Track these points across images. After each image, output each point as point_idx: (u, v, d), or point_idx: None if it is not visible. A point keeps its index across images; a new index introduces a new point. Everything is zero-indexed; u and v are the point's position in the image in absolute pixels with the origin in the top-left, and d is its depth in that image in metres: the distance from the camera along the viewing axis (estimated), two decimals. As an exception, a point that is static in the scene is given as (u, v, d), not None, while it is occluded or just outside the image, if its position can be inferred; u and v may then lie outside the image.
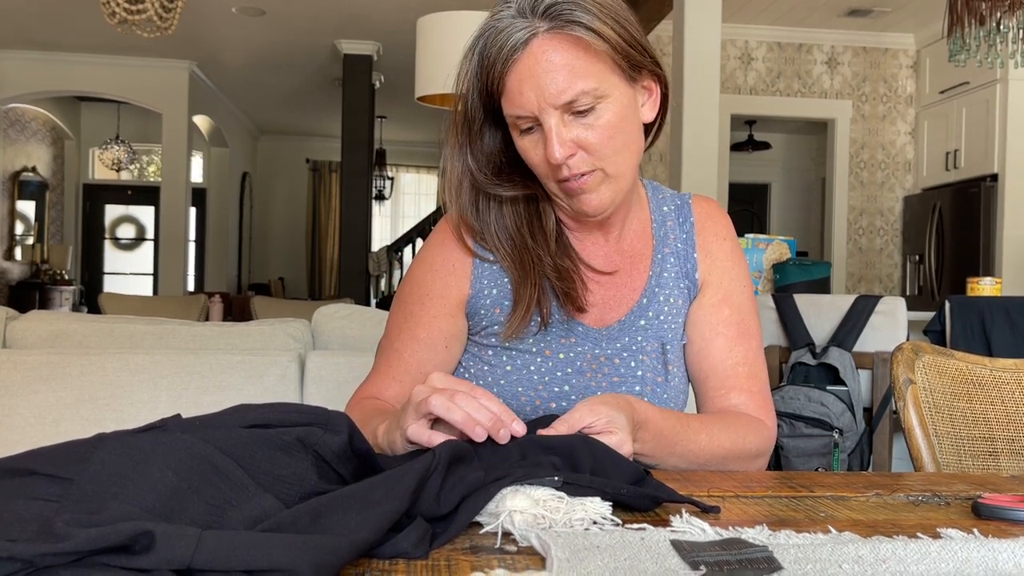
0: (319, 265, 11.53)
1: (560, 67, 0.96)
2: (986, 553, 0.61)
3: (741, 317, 1.15)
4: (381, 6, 6.25)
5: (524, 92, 0.97)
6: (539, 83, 0.96)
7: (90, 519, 0.51)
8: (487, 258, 1.11)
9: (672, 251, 1.16)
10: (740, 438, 1.05)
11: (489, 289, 1.11)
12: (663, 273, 1.15)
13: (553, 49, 0.96)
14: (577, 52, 0.97)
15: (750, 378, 1.13)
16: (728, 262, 1.17)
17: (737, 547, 0.60)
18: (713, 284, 1.16)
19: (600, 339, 1.10)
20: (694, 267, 1.16)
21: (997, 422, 1.28)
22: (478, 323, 1.12)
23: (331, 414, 0.68)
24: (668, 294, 1.14)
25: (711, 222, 1.18)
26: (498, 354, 1.09)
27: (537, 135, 1.00)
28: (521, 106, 0.98)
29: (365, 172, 7.30)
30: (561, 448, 0.78)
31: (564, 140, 0.98)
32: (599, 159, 1.00)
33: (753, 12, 6.21)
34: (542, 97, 0.96)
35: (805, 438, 3.08)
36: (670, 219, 1.18)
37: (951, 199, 6.08)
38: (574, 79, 0.96)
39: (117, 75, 7.97)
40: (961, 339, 3.11)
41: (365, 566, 0.57)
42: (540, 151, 1.00)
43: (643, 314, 1.12)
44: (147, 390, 1.84)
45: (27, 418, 1.79)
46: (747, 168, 8.51)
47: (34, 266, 9.37)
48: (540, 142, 1.00)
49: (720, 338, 1.14)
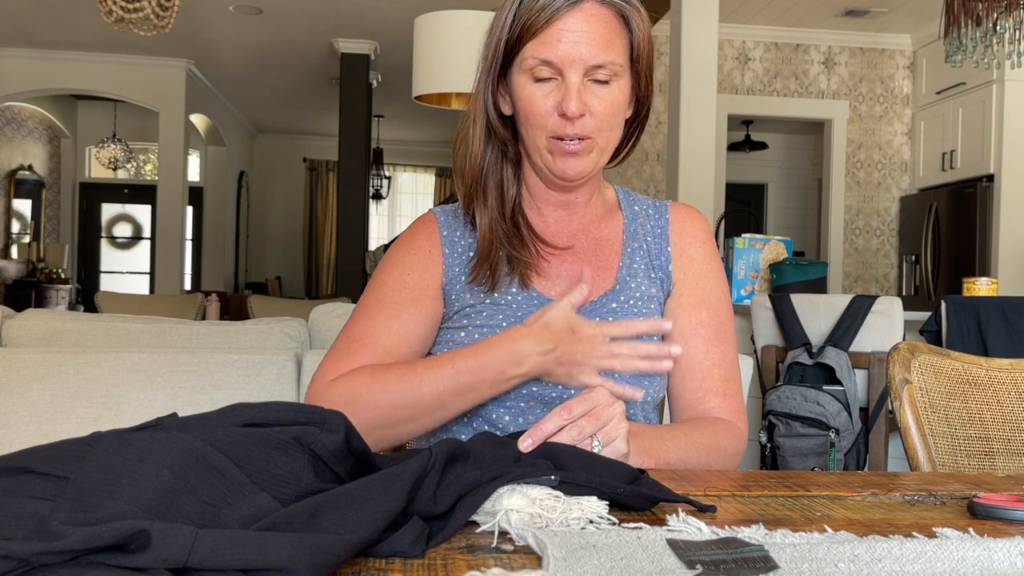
0: (316, 264, 11.53)
1: (600, 34, 1.05)
2: (982, 552, 0.61)
3: (719, 320, 1.18)
4: (378, 5, 6.25)
5: (562, 41, 1.04)
6: (577, 39, 1.04)
7: (86, 517, 0.50)
8: (457, 243, 1.16)
9: (641, 245, 1.20)
10: (714, 435, 1.09)
11: (459, 277, 1.15)
12: (633, 264, 1.18)
13: (597, 17, 1.06)
14: (615, 28, 1.07)
15: (725, 381, 1.15)
16: (707, 265, 1.20)
17: (733, 546, 0.60)
18: (690, 285, 1.18)
19: None
20: (667, 260, 1.19)
21: (993, 422, 1.28)
22: (451, 308, 1.15)
23: (328, 413, 0.68)
24: (639, 283, 1.17)
25: (689, 223, 1.23)
26: (470, 334, 1.11)
27: (551, 86, 1.06)
28: (554, 53, 1.04)
29: (362, 171, 7.30)
30: (557, 450, 0.78)
31: (581, 99, 1.05)
32: (598, 130, 1.08)
33: (750, 12, 6.21)
34: (576, 52, 1.04)
35: (801, 438, 3.09)
36: (641, 216, 1.22)
37: (947, 199, 6.09)
38: (608, 49, 1.05)
39: (114, 73, 7.96)
40: (957, 339, 3.12)
41: (362, 565, 0.57)
42: (550, 101, 1.06)
43: (615, 298, 1.15)
44: (143, 389, 1.84)
45: (23, 416, 1.79)
46: (744, 168, 8.52)
47: (30, 264, 9.35)
48: (552, 94, 1.06)
49: (698, 339, 1.16)
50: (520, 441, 0.80)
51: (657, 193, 6.36)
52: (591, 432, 0.85)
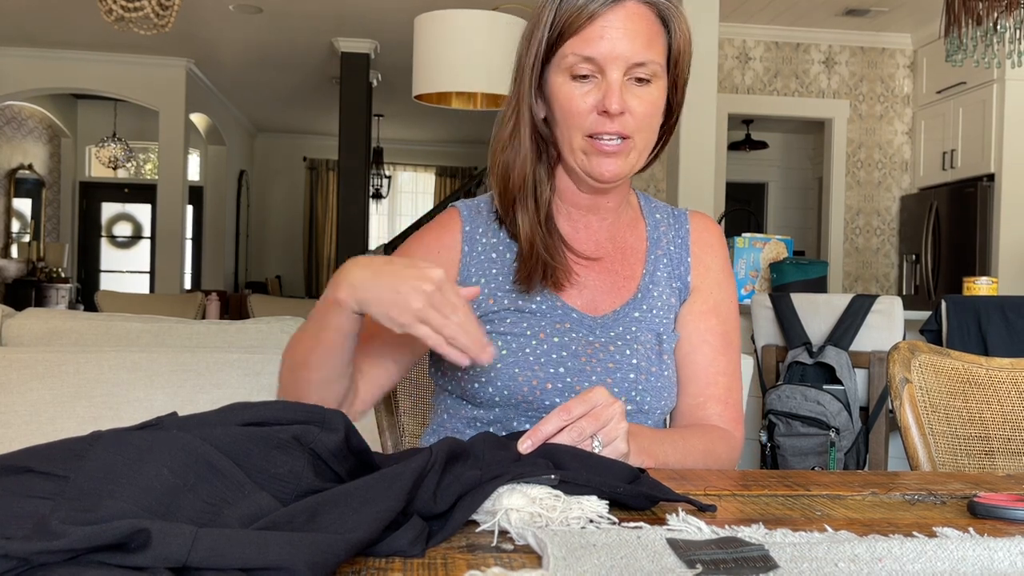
0: (316, 263, 11.52)
1: (642, 32, 1.04)
2: (982, 552, 0.61)
3: (727, 329, 1.19)
4: (379, 4, 6.24)
5: (605, 38, 1.03)
6: (620, 35, 1.03)
7: (86, 517, 0.50)
8: (478, 240, 1.14)
9: (665, 253, 1.19)
10: (711, 442, 1.09)
11: (477, 278, 1.13)
12: (656, 272, 1.18)
13: (640, 16, 1.05)
14: (656, 28, 1.07)
15: (728, 390, 1.16)
16: (720, 275, 1.21)
17: (733, 546, 0.60)
18: (704, 292, 1.19)
19: (595, 326, 1.12)
20: (687, 270, 1.19)
21: (993, 421, 1.28)
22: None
23: (327, 412, 0.68)
24: (661, 291, 1.17)
25: (707, 234, 1.23)
26: (492, 339, 1.10)
27: (590, 85, 1.05)
28: (596, 50, 1.03)
29: (362, 170, 7.29)
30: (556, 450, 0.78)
31: (621, 96, 1.04)
32: (637, 130, 1.06)
33: (750, 11, 6.21)
34: (618, 49, 1.03)
35: (801, 437, 3.08)
36: (663, 224, 1.22)
37: (948, 199, 6.08)
38: (650, 48, 1.05)
39: (114, 73, 7.95)
40: (957, 338, 3.12)
41: (361, 564, 0.56)
42: (590, 100, 1.05)
43: (638, 307, 1.15)
44: (143, 388, 1.84)
45: (23, 416, 1.79)
46: (744, 167, 8.51)
47: (30, 264, 9.35)
48: (592, 92, 1.05)
49: (706, 346, 1.17)
50: (520, 443, 0.80)
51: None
52: (591, 432, 0.85)
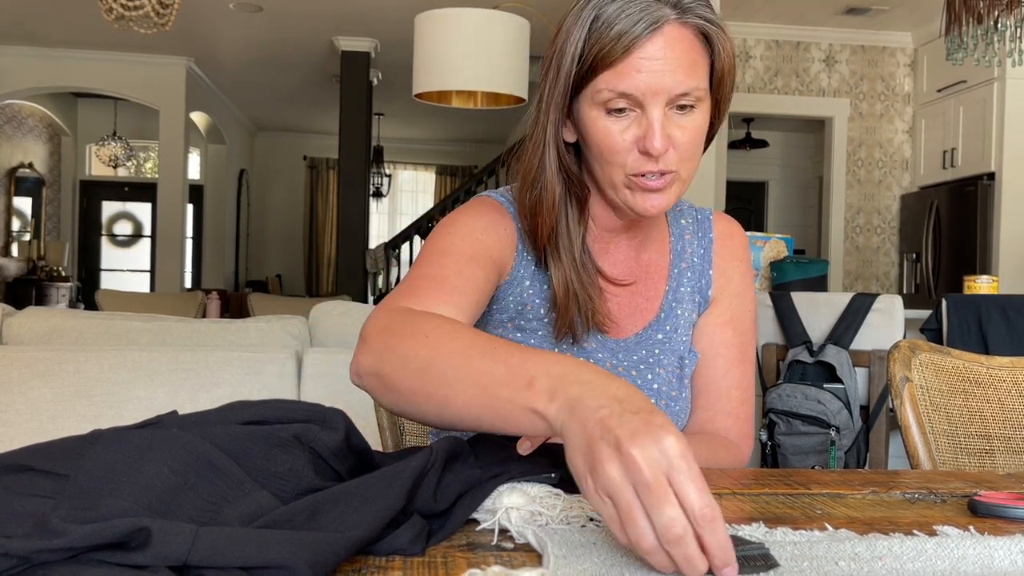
0: (316, 262, 11.52)
1: (682, 59, 0.94)
2: (982, 550, 0.61)
3: (743, 341, 1.15)
4: (379, 3, 6.24)
5: (642, 71, 0.93)
6: (660, 67, 0.93)
7: (86, 515, 0.50)
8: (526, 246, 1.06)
9: (689, 266, 1.15)
10: (713, 451, 1.07)
11: (522, 281, 1.06)
12: (680, 287, 1.13)
13: (679, 40, 0.94)
14: (698, 50, 0.96)
15: (740, 403, 1.14)
16: (740, 286, 1.17)
17: (734, 544, 0.60)
18: (723, 304, 1.15)
19: (617, 350, 1.09)
20: (708, 283, 1.15)
21: (993, 420, 1.28)
22: (502, 310, 1.07)
23: (328, 411, 0.68)
24: (684, 308, 1.13)
25: (731, 242, 1.17)
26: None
27: (628, 120, 0.96)
28: (634, 85, 0.93)
29: (363, 169, 7.29)
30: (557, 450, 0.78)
31: (664, 133, 0.95)
32: (681, 161, 0.98)
33: (751, 10, 6.20)
34: (659, 83, 0.93)
35: (802, 436, 3.09)
36: (688, 232, 1.17)
37: (948, 197, 6.08)
38: (691, 75, 0.94)
39: (114, 71, 7.95)
40: (958, 337, 3.12)
41: (362, 563, 0.56)
42: (628, 136, 0.96)
43: (661, 328, 1.11)
44: (144, 386, 1.84)
45: (23, 414, 1.79)
46: (745, 166, 8.51)
47: (31, 262, 9.35)
48: (631, 128, 0.96)
49: (720, 358, 1.14)
50: (519, 444, 0.79)
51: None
52: None
